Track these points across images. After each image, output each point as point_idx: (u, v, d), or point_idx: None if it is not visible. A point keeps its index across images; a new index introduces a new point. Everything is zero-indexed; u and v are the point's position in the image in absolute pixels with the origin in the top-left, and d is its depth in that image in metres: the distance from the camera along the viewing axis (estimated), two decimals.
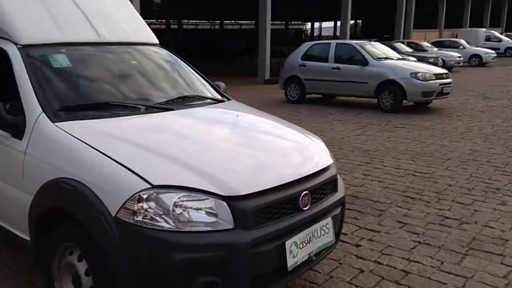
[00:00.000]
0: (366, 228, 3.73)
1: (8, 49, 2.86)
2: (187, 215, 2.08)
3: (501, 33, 33.48)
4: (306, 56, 11.04)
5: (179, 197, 2.08)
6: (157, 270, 2.03)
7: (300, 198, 2.36)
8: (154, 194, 2.07)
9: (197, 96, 3.33)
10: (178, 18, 38.99)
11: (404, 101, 9.64)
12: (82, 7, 3.26)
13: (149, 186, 2.07)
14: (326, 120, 8.76)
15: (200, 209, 2.11)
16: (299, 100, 11.01)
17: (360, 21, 53.59)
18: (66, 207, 2.26)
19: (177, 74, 3.51)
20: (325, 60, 10.60)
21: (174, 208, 2.06)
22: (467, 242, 3.48)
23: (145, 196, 2.05)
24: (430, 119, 8.82)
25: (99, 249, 2.11)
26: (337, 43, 10.90)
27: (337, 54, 10.49)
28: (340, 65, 10.34)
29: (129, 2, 3.79)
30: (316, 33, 58.32)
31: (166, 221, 2.05)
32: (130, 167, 2.14)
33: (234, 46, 32.18)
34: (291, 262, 2.29)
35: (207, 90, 3.50)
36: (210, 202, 2.11)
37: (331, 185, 2.69)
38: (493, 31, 32.05)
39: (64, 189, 2.25)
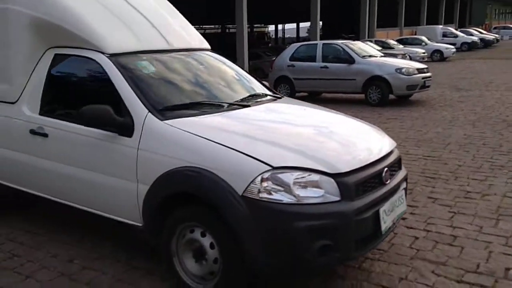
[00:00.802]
0: None
1: (97, 58, 3.13)
2: (303, 191, 2.46)
3: (456, 29, 35.33)
4: (294, 57, 11.55)
5: (295, 176, 2.45)
6: (281, 236, 2.39)
7: (383, 174, 2.78)
8: (275, 174, 2.43)
9: (262, 93, 3.69)
10: None
11: (390, 95, 10.30)
12: (148, 17, 3.57)
13: (270, 168, 2.43)
14: None
15: (312, 185, 2.48)
16: None
17: (321, 22, 54.90)
18: (195, 191, 2.57)
19: (237, 75, 3.86)
20: (313, 60, 11.16)
21: (293, 185, 2.43)
22: (494, 209, 4.00)
23: (267, 176, 2.41)
24: (417, 110, 9.48)
25: (229, 223, 2.45)
26: (323, 44, 11.47)
27: (324, 54, 11.06)
28: (327, 64, 10.90)
29: (177, 11, 4.09)
30: (279, 35, 59.17)
31: (287, 196, 2.41)
32: (250, 154, 2.49)
33: None
34: (383, 226, 2.70)
35: (263, 88, 3.87)
36: (320, 179, 2.49)
37: (398, 163, 3.13)
38: (449, 28, 33.81)
39: (191, 176, 2.55)
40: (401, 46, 22.77)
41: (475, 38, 33.10)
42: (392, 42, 23.08)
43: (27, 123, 3.41)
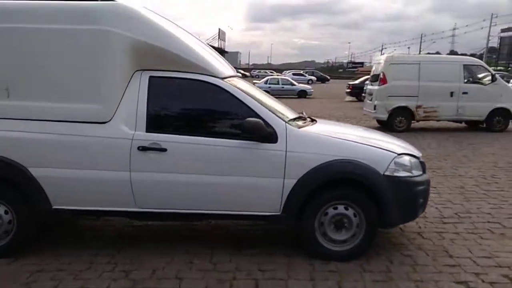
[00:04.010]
0: None
1: (212, 81, 3.76)
2: (413, 168, 3.80)
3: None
4: None
5: (409, 159, 3.77)
6: (407, 198, 3.70)
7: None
8: (399, 159, 3.71)
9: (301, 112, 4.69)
10: None
11: None
12: (210, 51, 4.35)
13: (396, 154, 3.71)
14: None
15: (415, 164, 3.84)
16: None
17: None
18: (351, 175, 3.63)
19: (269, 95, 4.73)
20: None
21: (409, 165, 3.75)
22: None
23: (396, 160, 3.68)
24: None
25: (376, 194, 3.62)
26: None
27: None
28: None
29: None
30: None
31: (408, 172, 3.73)
32: (380, 147, 3.78)
33: None
34: None
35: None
36: (417, 160, 3.88)
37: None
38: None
39: (344, 166, 3.62)
40: None
41: None
42: None
43: (134, 141, 3.59)
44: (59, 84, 3.64)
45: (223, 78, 3.85)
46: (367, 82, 21.85)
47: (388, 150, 3.77)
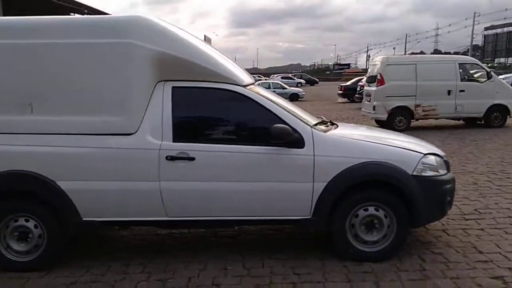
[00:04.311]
0: None
1: (236, 89, 3.78)
2: (439, 167, 3.85)
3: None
4: None
5: (435, 159, 3.82)
6: (436, 197, 3.75)
7: None
8: (426, 158, 3.76)
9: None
10: None
11: None
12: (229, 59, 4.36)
13: (423, 154, 3.76)
14: None
15: (441, 163, 3.89)
16: None
17: None
18: (381, 177, 3.68)
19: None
20: None
21: (436, 164, 3.79)
22: None
23: (423, 160, 3.73)
24: None
25: (406, 194, 3.66)
26: None
27: None
28: None
29: None
30: None
31: (435, 171, 3.77)
32: (406, 148, 3.83)
33: None
34: None
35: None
36: (442, 160, 3.91)
37: None
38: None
39: (375, 167, 3.66)
40: None
41: None
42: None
43: (161, 151, 3.59)
44: (83, 97, 3.64)
45: (245, 86, 3.89)
46: (359, 83, 22.21)
47: (414, 150, 3.82)
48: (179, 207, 3.71)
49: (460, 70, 12.05)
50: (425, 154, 3.80)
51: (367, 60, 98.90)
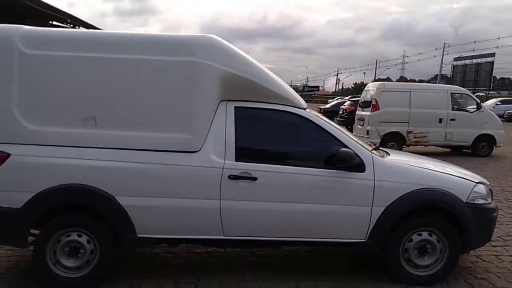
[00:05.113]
0: None
1: (298, 112, 3.87)
2: (488, 196, 4.03)
3: None
4: None
5: (484, 187, 3.99)
6: (486, 224, 3.93)
7: None
8: (478, 186, 3.93)
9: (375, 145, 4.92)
10: None
11: None
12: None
13: (475, 183, 3.93)
14: None
15: (489, 192, 4.07)
16: None
17: None
18: (437, 203, 3.82)
19: None
20: None
21: (485, 192, 3.96)
22: None
23: (475, 188, 3.89)
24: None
25: (460, 220, 3.80)
26: None
27: None
28: None
29: None
30: None
31: (485, 200, 3.94)
32: (460, 176, 4.01)
33: None
34: None
35: None
36: (489, 189, 4.09)
37: None
38: None
39: (432, 194, 3.80)
40: None
41: None
42: None
43: (224, 170, 3.61)
44: (148, 113, 3.64)
45: (304, 109, 3.96)
46: (342, 106, 22.61)
47: (467, 178, 3.99)
48: (237, 226, 3.72)
49: (452, 100, 12.54)
50: (477, 183, 3.96)
51: (336, 83, 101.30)
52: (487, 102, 31.82)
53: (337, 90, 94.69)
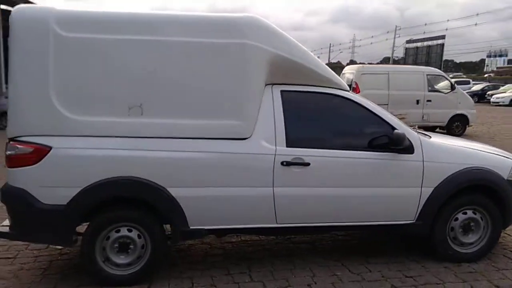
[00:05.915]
0: None
1: (345, 95, 3.84)
2: None
3: None
4: None
5: None
6: None
7: None
8: None
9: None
10: None
11: None
12: None
13: None
14: None
15: None
16: None
17: None
18: (483, 181, 3.89)
19: None
20: None
21: None
22: None
23: None
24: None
25: (501, 197, 3.91)
26: None
27: None
28: None
29: None
30: None
31: None
32: (500, 154, 4.12)
33: None
34: None
35: None
36: None
37: None
38: None
39: (478, 173, 3.87)
40: None
41: None
42: None
43: (277, 156, 3.51)
44: (196, 100, 3.46)
45: (348, 91, 3.93)
46: None
47: (506, 157, 4.11)
48: (291, 213, 3.65)
49: (428, 81, 12.92)
50: None
51: None
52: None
53: None
